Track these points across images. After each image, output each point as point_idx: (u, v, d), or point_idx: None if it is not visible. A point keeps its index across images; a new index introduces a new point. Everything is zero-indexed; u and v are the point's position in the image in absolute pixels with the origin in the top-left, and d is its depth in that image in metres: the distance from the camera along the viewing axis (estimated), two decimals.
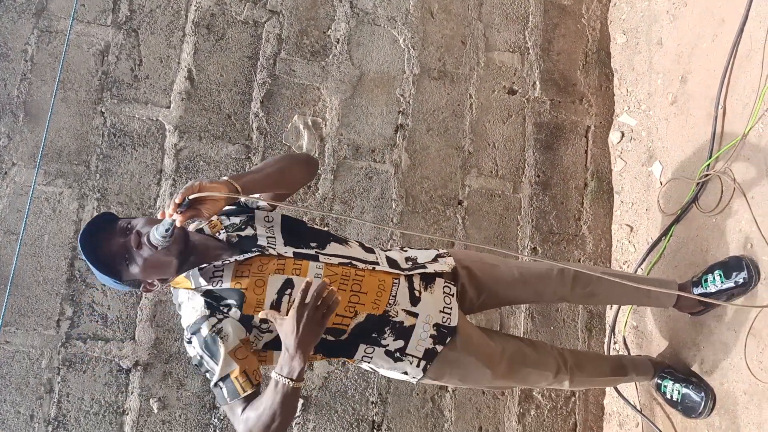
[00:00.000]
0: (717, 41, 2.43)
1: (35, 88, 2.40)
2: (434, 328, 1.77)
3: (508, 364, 1.91)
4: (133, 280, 1.55)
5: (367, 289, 1.69)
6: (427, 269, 1.81)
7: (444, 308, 1.79)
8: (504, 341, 1.97)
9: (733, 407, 2.10)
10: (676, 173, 2.52)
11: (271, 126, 2.60)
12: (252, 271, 1.60)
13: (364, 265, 1.72)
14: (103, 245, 1.50)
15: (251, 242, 1.64)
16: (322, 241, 1.73)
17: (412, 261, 1.84)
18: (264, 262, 1.61)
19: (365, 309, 1.69)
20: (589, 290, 2.04)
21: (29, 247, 2.30)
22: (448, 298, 1.81)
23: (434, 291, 1.79)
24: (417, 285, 1.77)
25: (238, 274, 1.59)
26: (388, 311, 1.71)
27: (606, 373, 2.20)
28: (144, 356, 2.34)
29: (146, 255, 1.50)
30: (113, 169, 2.42)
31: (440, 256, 1.90)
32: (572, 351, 2.21)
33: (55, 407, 2.26)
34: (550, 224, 2.81)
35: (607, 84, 3.00)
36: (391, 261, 1.80)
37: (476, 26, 2.90)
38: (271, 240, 1.66)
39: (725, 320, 2.17)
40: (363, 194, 2.64)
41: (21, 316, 2.27)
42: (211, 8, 2.61)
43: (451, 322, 1.79)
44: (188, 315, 1.60)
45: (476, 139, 2.80)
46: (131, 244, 1.49)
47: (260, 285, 1.59)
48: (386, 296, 1.71)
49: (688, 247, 2.40)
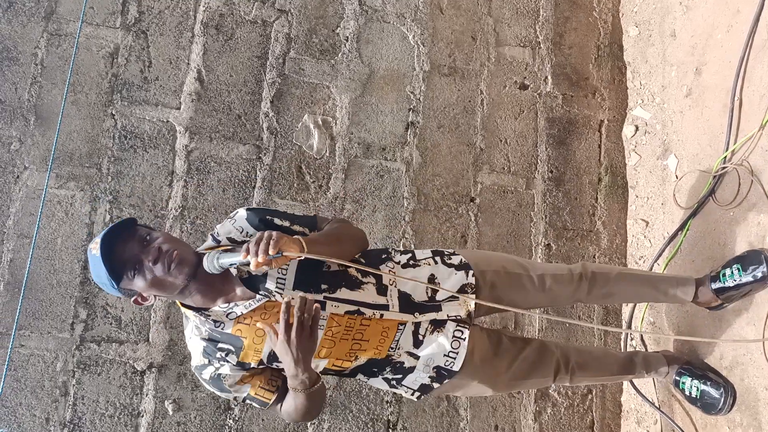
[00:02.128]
0: (732, 32, 2.39)
1: (46, 91, 2.41)
2: (434, 371, 1.77)
3: (509, 381, 1.91)
4: (130, 290, 1.54)
5: (370, 337, 1.68)
6: (439, 314, 1.74)
7: (449, 352, 1.75)
8: (510, 355, 1.91)
9: (754, 403, 2.06)
10: (692, 166, 2.49)
11: (281, 126, 2.59)
12: (254, 319, 1.59)
13: (371, 312, 1.66)
14: (118, 248, 1.49)
15: (260, 282, 1.60)
16: (333, 285, 1.65)
17: (432, 291, 1.75)
18: (268, 308, 1.59)
19: (366, 354, 1.70)
20: (606, 290, 2.02)
21: (42, 250, 2.31)
22: (456, 342, 1.75)
23: (441, 335, 1.74)
24: (423, 330, 1.73)
25: (241, 320, 1.59)
26: (390, 355, 1.72)
27: (613, 371, 2.17)
28: (158, 358, 2.34)
29: (159, 273, 1.49)
30: (125, 172, 2.42)
31: (466, 286, 1.78)
32: (579, 350, 2.15)
33: (71, 410, 2.26)
34: (564, 220, 2.78)
35: (620, 77, 2.96)
36: (404, 299, 1.71)
37: (486, 21, 2.87)
38: (280, 282, 1.60)
39: (744, 315, 2.13)
40: (374, 193, 2.62)
41: (35, 320, 2.28)
42: (219, 8, 2.61)
43: (454, 366, 1.77)
44: (193, 357, 1.66)
45: (488, 136, 2.78)
46: (149, 257, 1.48)
47: (260, 335, 1.59)
48: (389, 342, 1.70)
49: (705, 242, 2.36)
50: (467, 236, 2.67)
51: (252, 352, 1.61)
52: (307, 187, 2.57)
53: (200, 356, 1.63)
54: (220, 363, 1.62)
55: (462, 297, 1.76)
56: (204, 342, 1.61)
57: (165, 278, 1.50)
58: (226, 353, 1.61)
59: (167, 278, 1.50)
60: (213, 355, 1.62)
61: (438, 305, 1.75)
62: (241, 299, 1.60)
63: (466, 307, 1.78)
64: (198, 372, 1.67)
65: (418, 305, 1.72)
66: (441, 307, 1.75)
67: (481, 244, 2.67)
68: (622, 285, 2.01)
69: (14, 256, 2.29)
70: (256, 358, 1.62)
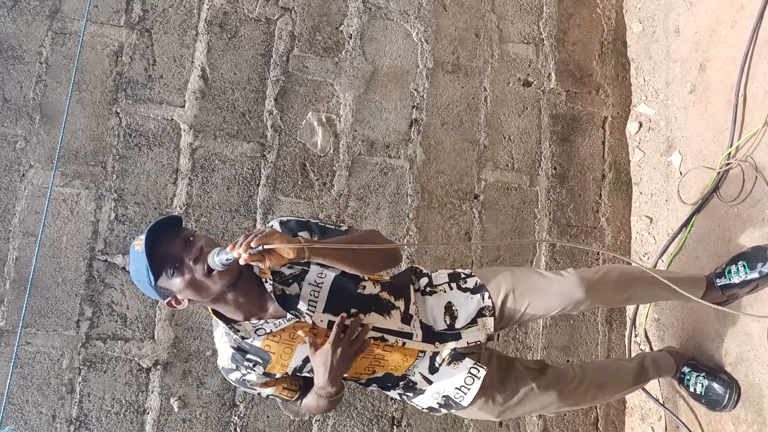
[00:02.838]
0: (736, 27, 2.38)
1: (50, 90, 2.41)
2: (443, 399, 1.79)
3: (514, 410, 1.88)
4: (166, 289, 1.52)
5: (390, 359, 1.70)
6: (459, 342, 1.73)
7: (461, 387, 1.76)
8: (522, 386, 1.86)
9: (758, 399, 2.06)
10: (696, 163, 2.49)
11: (285, 123, 2.59)
12: (283, 337, 1.61)
13: (395, 339, 1.68)
14: (163, 244, 1.47)
15: (292, 302, 1.61)
16: (364, 309, 1.66)
17: (451, 319, 1.75)
18: (297, 328, 1.61)
19: (384, 371, 1.73)
20: (626, 296, 1.96)
21: (48, 248, 2.32)
22: (470, 379, 1.76)
23: (458, 368, 1.75)
24: (440, 358, 1.74)
25: (270, 337, 1.61)
26: (407, 374, 1.75)
27: (629, 384, 2.14)
28: (164, 355, 2.35)
29: (198, 273, 1.48)
30: (129, 170, 2.43)
31: (484, 309, 1.77)
32: (595, 369, 2.08)
33: (77, 407, 2.27)
34: (568, 217, 2.78)
35: (623, 74, 2.96)
36: (425, 327, 1.72)
37: (489, 18, 2.87)
38: (312, 305, 1.61)
39: (749, 311, 2.13)
40: (378, 190, 2.62)
41: (41, 317, 2.29)
42: (223, 6, 2.61)
43: (463, 401, 1.78)
44: (220, 357, 1.69)
45: (491, 133, 2.78)
46: (190, 256, 1.48)
47: (288, 352, 1.63)
48: (408, 365, 1.73)
49: (710, 238, 2.36)
50: (471, 233, 2.67)
51: (279, 366, 1.64)
52: (311, 185, 2.57)
53: (228, 360, 1.66)
54: (247, 371, 1.65)
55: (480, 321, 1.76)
56: (233, 350, 1.63)
57: (203, 281, 1.48)
58: (253, 364, 1.63)
59: (206, 281, 1.48)
60: (241, 362, 1.64)
61: (458, 333, 1.75)
62: (271, 317, 1.61)
63: (485, 331, 1.77)
64: (225, 372, 1.70)
65: (438, 334, 1.73)
66: (461, 335, 1.75)
67: (485, 241, 2.67)
68: (641, 288, 1.95)
69: (20, 254, 2.30)
70: (282, 371, 1.66)
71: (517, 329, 2.65)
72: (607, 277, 1.87)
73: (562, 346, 2.66)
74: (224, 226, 2.47)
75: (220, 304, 1.58)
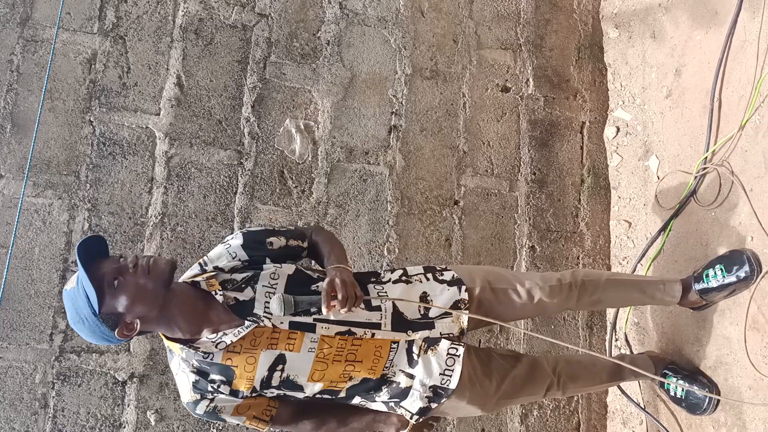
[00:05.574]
0: (710, 33, 2.40)
1: (22, 98, 2.36)
2: (431, 390, 1.75)
3: (498, 400, 1.90)
4: (112, 314, 1.48)
5: (363, 357, 1.66)
6: (432, 332, 1.72)
7: (445, 370, 1.73)
8: (501, 374, 1.89)
9: (738, 403, 2.07)
10: (673, 167, 2.50)
11: (262, 130, 2.56)
12: (244, 346, 1.58)
13: (363, 332, 1.65)
14: (96, 266, 1.47)
15: (248, 308, 1.58)
16: None
17: (425, 308, 1.74)
18: (257, 334, 1.58)
19: (360, 374, 1.68)
20: (595, 297, 2.01)
21: (20, 260, 2.26)
22: (451, 360, 1.73)
23: (436, 353, 1.72)
24: (416, 348, 1.71)
25: (230, 349, 1.57)
26: (385, 374, 1.71)
27: (603, 380, 2.16)
28: (140, 368, 2.31)
29: (141, 280, 1.47)
30: (103, 179, 2.39)
31: (459, 302, 1.77)
32: (569, 361, 2.13)
33: (51, 422, 2.22)
34: (548, 222, 2.79)
35: (600, 79, 2.97)
36: (396, 317, 1.71)
37: (467, 24, 2.87)
38: (268, 306, 1.60)
39: (727, 315, 2.14)
40: (358, 197, 2.61)
41: (13, 331, 2.23)
42: (198, 13, 2.58)
43: (450, 384, 1.74)
44: (182, 390, 1.64)
45: (471, 138, 2.77)
46: (129, 265, 1.47)
47: (251, 362, 1.58)
48: (383, 362, 1.68)
49: (687, 242, 2.37)
50: (452, 239, 2.66)
51: (244, 381, 1.60)
52: (289, 192, 2.54)
53: (190, 392, 1.61)
54: (213, 395, 1.61)
55: (455, 313, 1.74)
56: (194, 375, 1.59)
57: (146, 284, 1.48)
58: (218, 385, 1.59)
59: (148, 284, 1.48)
60: (205, 388, 1.60)
61: (431, 323, 1.73)
62: (228, 327, 1.58)
63: (459, 324, 1.76)
64: (191, 408, 1.64)
65: (410, 323, 1.71)
66: (434, 324, 1.73)
67: (465, 247, 2.67)
68: (611, 291, 2.00)
69: None
70: (248, 386, 1.61)
71: (499, 335, 2.64)
72: (573, 277, 1.97)
73: (543, 351, 2.66)
74: (201, 235, 2.43)
75: (172, 325, 1.56)
